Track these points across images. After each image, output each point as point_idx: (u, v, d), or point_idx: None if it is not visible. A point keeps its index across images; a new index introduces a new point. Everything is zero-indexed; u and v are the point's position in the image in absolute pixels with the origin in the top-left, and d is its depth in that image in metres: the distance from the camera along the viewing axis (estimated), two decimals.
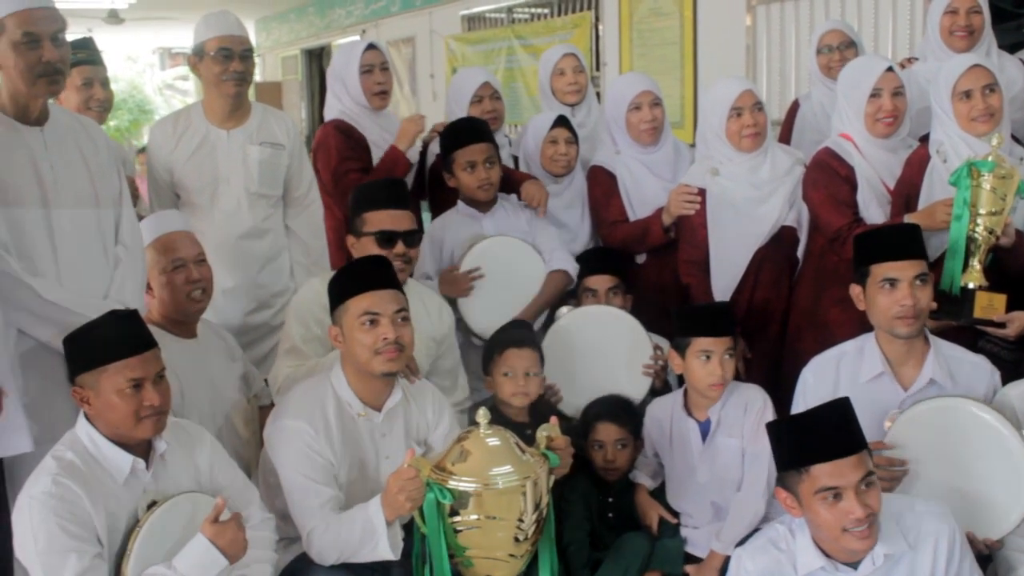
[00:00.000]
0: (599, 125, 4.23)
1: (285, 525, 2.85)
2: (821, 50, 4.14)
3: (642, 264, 3.93)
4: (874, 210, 3.43)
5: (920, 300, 2.85)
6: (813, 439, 2.34)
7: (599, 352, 3.59)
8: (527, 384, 3.30)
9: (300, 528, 2.79)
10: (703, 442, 3.25)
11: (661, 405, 3.41)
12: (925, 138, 3.43)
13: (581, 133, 4.05)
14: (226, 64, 3.71)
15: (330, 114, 4.17)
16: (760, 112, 3.58)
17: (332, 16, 12.44)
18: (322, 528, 2.73)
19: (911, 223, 3.11)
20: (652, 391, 3.60)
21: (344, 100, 4.13)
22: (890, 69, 3.43)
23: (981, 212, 3.10)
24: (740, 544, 2.74)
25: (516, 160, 4.21)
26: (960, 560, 2.43)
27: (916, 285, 2.85)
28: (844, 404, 2.40)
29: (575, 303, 3.75)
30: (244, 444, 3.29)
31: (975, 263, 3.15)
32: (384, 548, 2.67)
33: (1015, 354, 3.21)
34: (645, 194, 3.86)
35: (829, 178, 3.46)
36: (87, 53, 4.05)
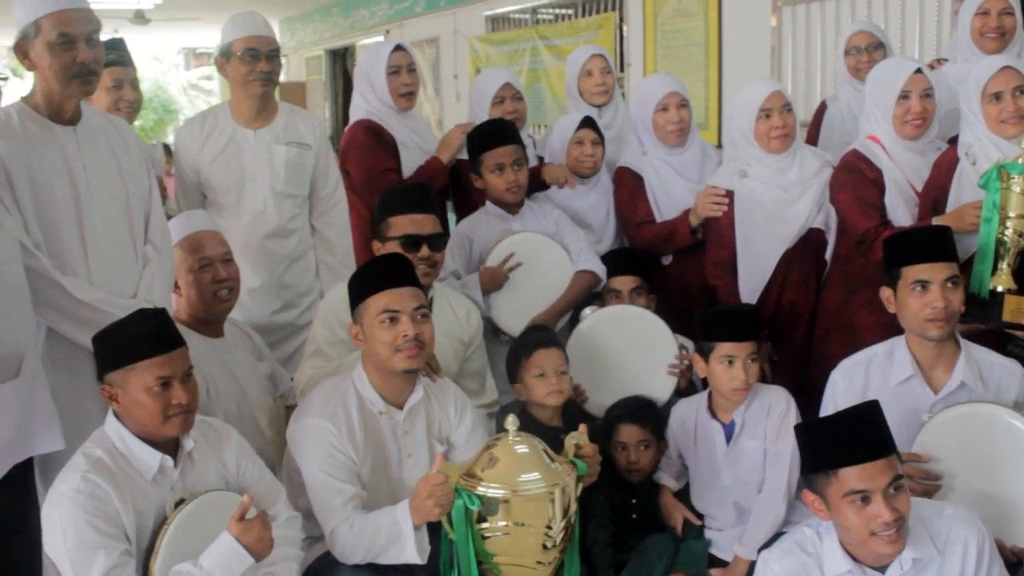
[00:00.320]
0: (625, 126, 4.23)
1: (309, 524, 2.86)
2: (849, 51, 4.12)
3: (667, 265, 3.93)
4: (902, 213, 3.40)
5: (952, 302, 2.83)
6: (842, 442, 2.32)
7: (624, 352, 3.58)
8: (560, 382, 3.30)
9: (323, 526, 2.80)
10: (727, 444, 3.24)
11: (685, 407, 3.40)
12: (954, 140, 3.40)
13: (608, 134, 4.05)
14: (253, 64, 3.73)
15: (356, 114, 4.18)
16: (789, 113, 3.57)
17: (356, 16, 12.47)
18: (347, 527, 2.75)
19: (942, 225, 3.08)
20: (677, 391, 3.59)
21: (371, 100, 4.13)
22: (919, 71, 3.41)
23: (1011, 215, 3.07)
24: (766, 547, 2.73)
25: (541, 160, 4.21)
26: (989, 566, 2.41)
27: (948, 287, 2.83)
28: (874, 407, 2.39)
29: (599, 303, 3.75)
30: (268, 443, 3.29)
31: (1004, 266, 3.12)
32: (411, 552, 2.68)
33: None
34: (671, 195, 3.86)
35: (857, 180, 3.44)
36: (118, 54, 4.09)
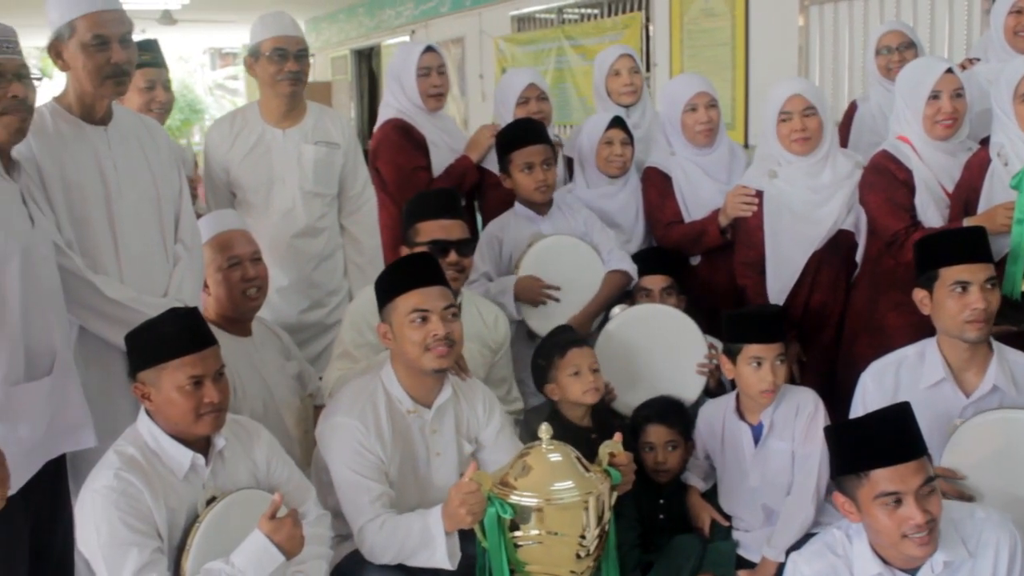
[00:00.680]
0: (653, 126, 4.23)
1: (337, 522, 2.87)
2: (880, 51, 4.09)
3: (696, 266, 3.92)
4: (932, 214, 3.37)
5: (991, 304, 2.81)
6: (874, 443, 2.31)
7: (653, 351, 3.58)
8: (596, 380, 3.30)
9: (351, 524, 2.81)
10: (755, 446, 3.23)
11: (713, 408, 3.39)
12: (986, 141, 3.37)
13: (636, 134, 4.03)
14: (281, 64, 3.75)
15: (387, 113, 4.20)
16: (811, 117, 3.53)
17: (382, 16, 12.49)
18: (376, 526, 2.75)
19: (978, 226, 3.05)
20: (706, 391, 3.59)
21: (400, 100, 4.15)
22: (950, 70, 3.38)
23: None
24: (795, 549, 2.71)
25: (569, 160, 4.21)
26: (1021, 570, 2.39)
27: (987, 288, 2.81)
28: (905, 408, 2.37)
29: (629, 303, 3.74)
30: (295, 443, 3.30)
31: None
32: (442, 557, 2.69)
33: None
34: (700, 196, 3.85)
35: (887, 181, 3.42)
36: (151, 55, 4.10)
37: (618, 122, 3.95)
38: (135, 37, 3.06)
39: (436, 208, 3.36)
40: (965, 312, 2.80)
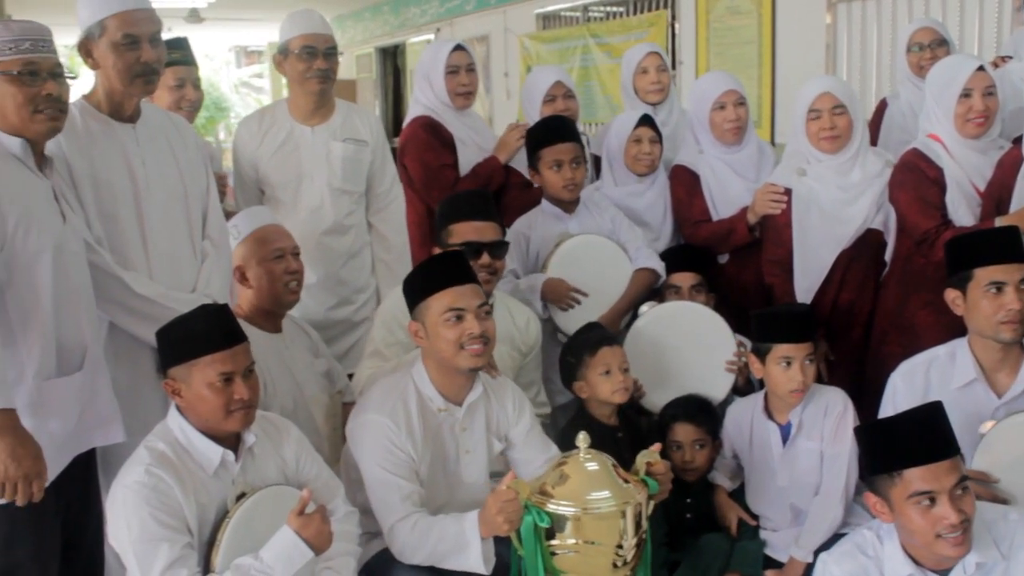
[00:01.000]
0: (680, 124, 4.22)
1: (367, 520, 2.87)
2: (911, 48, 4.06)
3: (723, 264, 3.91)
4: (963, 212, 3.35)
5: None
6: (907, 442, 2.29)
7: (682, 348, 3.56)
8: (625, 379, 3.30)
9: (382, 522, 2.80)
10: (783, 446, 3.22)
11: (741, 407, 3.38)
12: (1018, 139, 3.35)
13: (663, 132, 4.02)
14: (310, 62, 3.76)
15: (415, 110, 4.20)
16: (840, 115, 3.50)
17: (407, 14, 12.51)
18: (407, 525, 2.74)
19: (1011, 225, 3.02)
20: (735, 389, 3.57)
21: (429, 97, 4.15)
22: (981, 68, 3.35)
23: None
24: (823, 549, 2.70)
25: (596, 159, 4.20)
26: None
27: (1021, 289, 2.78)
28: (938, 408, 2.36)
29: (657, 300, 3.73)
30: (324, 440, 3.31)
31: None
32: (477, 561, 2.67)
33: None
34: (728, 194, 3.84)
35: (917, 180, 3.39)
36: (181, 53, 4.12)
37: (647, 120, 3.94)
38: (164, 35, 3.07)
39: (470, 210, 3.36)
40: (1000, 313, 2.78)
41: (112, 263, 2.88)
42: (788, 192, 3.59)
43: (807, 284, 3.60)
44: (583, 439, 2.62)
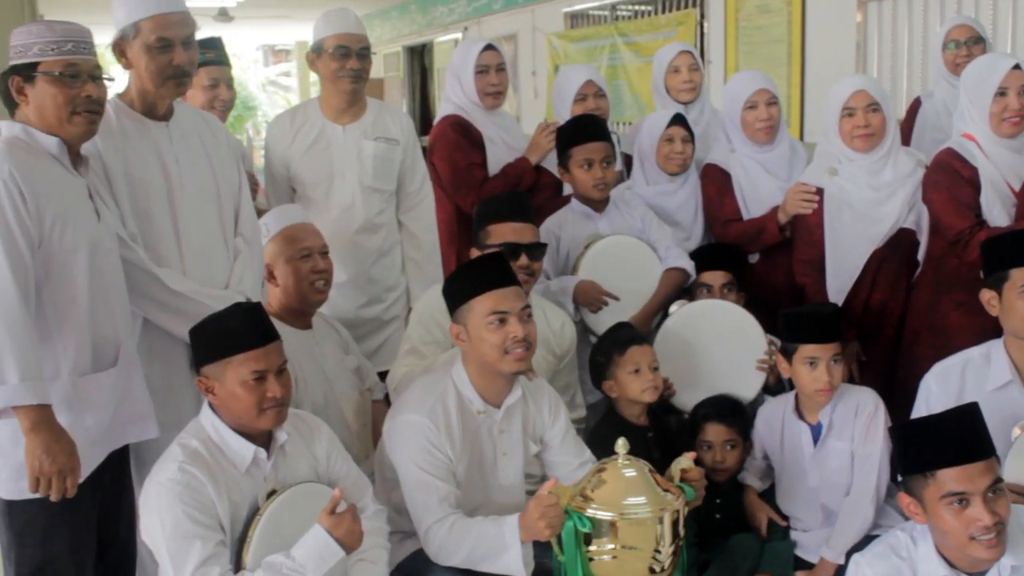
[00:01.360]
0: (711, 123, 4.21)
1: (400, 519, 2.86)
2: (947, 45, 4.04)
3: (754, 263, 3.89)
4: (998, 212, 3.32)
5: None
6: (942, 443, 2.28)
7: (712, 347, 3.55)
8: (655, 378, 3.29)
9: (417, 523, 2.78)
10: (814, 446, 3.21)
11: (772, 408, 3.37)
12: None
13: (695, 131, 4.01)
14: (343, 61, 3.77)
15: (445, 109, 4.21)
16: (875, 113, 3.49)
17: (434, 13, 12.53)
18: (444, 527, 2.72)
19: None
20: (766, 388, 3.56)
21: (459, 96, 4.16)
22: (1017, 67, 3.33)
23: None
24: (854, 550, 2.69)
25: (627, 158, 4.19)
26: None
27: None
28: (973, 409, 2.34)
29: (688, 299, 3.73)
30: (354, 436, 3.32)
31: None
32: (517, 564, 2.65)
33: None
34: (760, 193, 3.82)
35: (951, 179, 3.37)
36: (215, 53, 4.15)
37: (679, 119, 3.93)
38: (197, 35, 3.09)
39: (507, 211, 3.35)
40: None
41: (146, 260, 2.90)
42: (819, 192, 3.57)
43: (839, 284, 3.58)
44: (622, 445, 2.61)
